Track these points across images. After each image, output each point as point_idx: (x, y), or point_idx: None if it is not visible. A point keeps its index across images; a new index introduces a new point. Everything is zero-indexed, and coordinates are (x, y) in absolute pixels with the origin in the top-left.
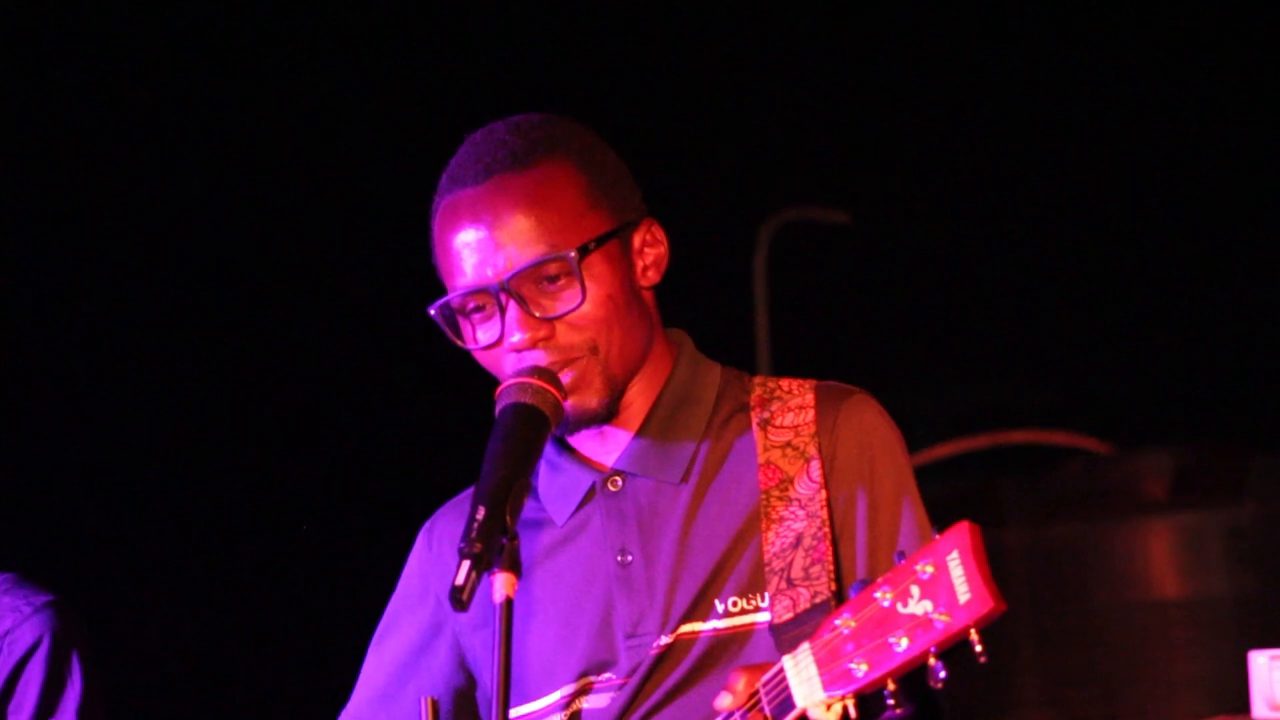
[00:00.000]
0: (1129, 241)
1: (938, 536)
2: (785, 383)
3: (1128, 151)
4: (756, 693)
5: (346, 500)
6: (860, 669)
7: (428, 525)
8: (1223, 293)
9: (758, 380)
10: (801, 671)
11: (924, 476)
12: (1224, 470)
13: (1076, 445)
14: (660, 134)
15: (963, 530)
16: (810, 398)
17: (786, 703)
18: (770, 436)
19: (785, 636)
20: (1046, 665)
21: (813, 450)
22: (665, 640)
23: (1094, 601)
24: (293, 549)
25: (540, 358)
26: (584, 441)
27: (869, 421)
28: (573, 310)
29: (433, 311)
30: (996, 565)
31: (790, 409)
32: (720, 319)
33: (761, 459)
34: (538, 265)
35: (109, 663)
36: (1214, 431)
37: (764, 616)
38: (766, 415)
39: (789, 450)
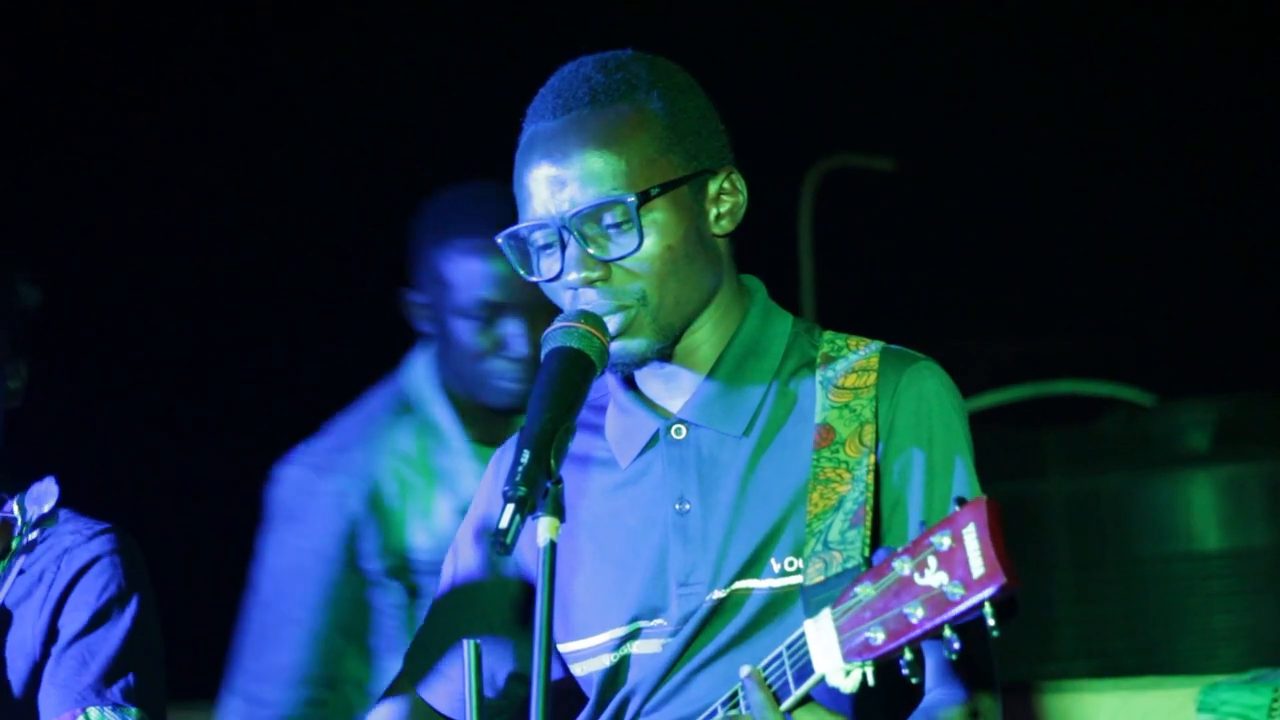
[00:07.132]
0: (1172, 193)
1: (957, 509)
2: (853, 342)
3: (1174, 103)
4: (780, 655)
5: None
6: (877, 637)
7: (498, 454)
8: (1267, 245)
9: (827, 336)
10: (822, 637)
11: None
12: (1266, 422)
13: (1119, 396)
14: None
15: (980, 505)
16: (875, 361)
17: (807, 667)
18: (831, 397)
19: (813, 600)
20: (1086, 616)
21: (869, 414)
22: (719, 594)
23: (1135, 553)
24: None
25: (594, 297)
26: (652, 384)
27: (930, 389)
28: (628, 255)
29: (499, 240)
30: (1037, 516)
31: (854, 370)
32: (765, 266)
33: (819, 419)
34: (598, 207)
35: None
36: (1256, 383)
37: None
38: (830, 374)
39: (846, 413)
